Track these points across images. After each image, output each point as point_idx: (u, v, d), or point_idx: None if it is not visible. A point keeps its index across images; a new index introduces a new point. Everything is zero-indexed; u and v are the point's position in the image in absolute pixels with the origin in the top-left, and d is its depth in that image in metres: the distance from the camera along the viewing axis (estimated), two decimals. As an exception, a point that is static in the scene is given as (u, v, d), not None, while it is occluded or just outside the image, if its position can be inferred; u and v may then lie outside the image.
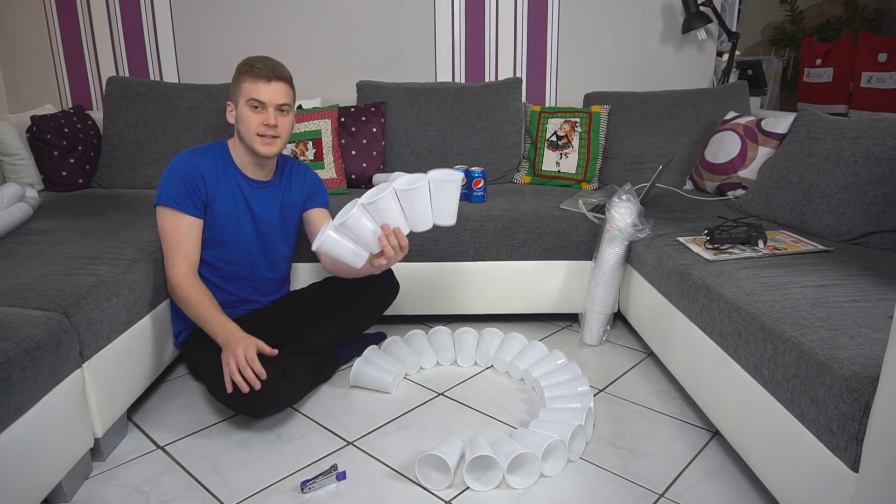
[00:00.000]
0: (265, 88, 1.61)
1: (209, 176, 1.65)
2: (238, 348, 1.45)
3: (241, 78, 1.63)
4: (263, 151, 1.64)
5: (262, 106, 1.61)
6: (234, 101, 1.66)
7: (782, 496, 1.16)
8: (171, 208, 1.60)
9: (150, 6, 2.79)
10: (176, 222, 1.60)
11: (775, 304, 1.26)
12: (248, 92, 1.61)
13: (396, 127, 2.55)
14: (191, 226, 1.62)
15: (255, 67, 1.61)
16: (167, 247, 1.61)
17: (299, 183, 1.81)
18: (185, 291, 1.57)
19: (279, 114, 1.63)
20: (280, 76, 1.63)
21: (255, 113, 1.61)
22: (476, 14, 2.82)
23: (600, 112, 2.48)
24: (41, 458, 1.18)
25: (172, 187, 1.60)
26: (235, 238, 1.69)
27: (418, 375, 1.86)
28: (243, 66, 1.64)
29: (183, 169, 1.62)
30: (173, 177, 1.61)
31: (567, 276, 2.08)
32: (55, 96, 2.91)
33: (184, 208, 1.60)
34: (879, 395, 0.90)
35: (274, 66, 1.63)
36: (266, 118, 1.61)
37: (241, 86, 1.63)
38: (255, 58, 1.65)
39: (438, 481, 1.35)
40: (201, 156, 1.67)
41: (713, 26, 2.83)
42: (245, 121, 1.62)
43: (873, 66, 4.08)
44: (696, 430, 1.57)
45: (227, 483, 1.37)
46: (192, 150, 1.69)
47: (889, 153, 1.67)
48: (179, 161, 1.64)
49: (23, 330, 1.17)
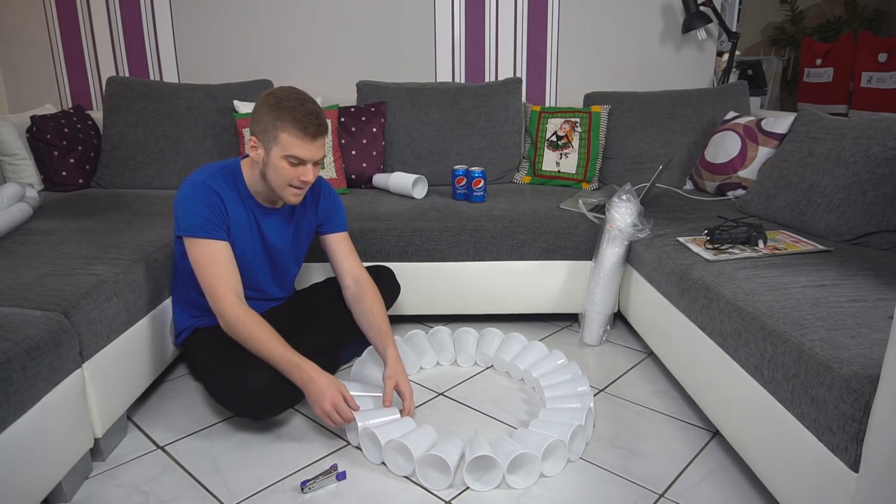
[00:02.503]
0: (310, 147, 1.48)
1: (229, 203, 1.56)
2: (325, 402, 1.42)
3: (281, 125, 1.45)
4: (293, 202, 1.56)
5: (302, 162, 1.50)
6: (262, 141, 1.50)
7: (782, 496, 1.16)
8: (203, 238, 1.50)
9: (150, 6, 2.79)
10: (211, 252, 1.51)
11: (775, 304, 1.26)
12: (289, 146, 1.46)
13: (396, 127, 2.55)
14: (225, 251, 1.53)
15: (300, 121, 1.45)
16: (208, 278, 1.50)
17: (313, 207, 1.73)
18: (246, 327, 1.46)
19: (314, 167, 1.53)
20: (324, 131, 1.50)
21: (293, 167, 1.49)
22: (476, 14, 2.82)
23: (600, 112, 2.48)
24: (41, 458, 1.18)
25: (199, 216, 1.50)
26: (247, 265, 1.64)
27: (418, 375, 1.86)
28: (284, 112, 1.45)
29: (205, 197, 1.52)
30: (197, 206, 1.51)
31: (567, 276, 2.08)
32: (55, 96, 2.91)
33: (216, 236, 1.51)
34: (879, 395, 0.90)
35: (319, 122, 1.48)
36: (304, 174, 1.50)
37: (278, 134, 1.46)
38: (295, 103, 1.46)
39: (439, 481, 1.35)
40: (218, 182, 1.56)
41: (713, 26, 2.83)
42: (279, 172, 1.49)
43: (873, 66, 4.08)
44: (696, 430, 1.57)
45: (227, 483, 1.37)
46: (206, 176, 1.55)
47: (889, 153, 1.67)
48: (198, 189, 1.53)
49: (23, 330, 1.17)
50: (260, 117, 1.49)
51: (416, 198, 2.28)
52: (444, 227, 2.02)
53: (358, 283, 1.71)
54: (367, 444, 1.44)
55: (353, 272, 1.73)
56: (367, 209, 2.13)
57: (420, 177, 2.31)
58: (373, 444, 1.43)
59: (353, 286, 1.71)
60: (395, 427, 1.44)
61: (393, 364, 1.57)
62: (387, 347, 1.60)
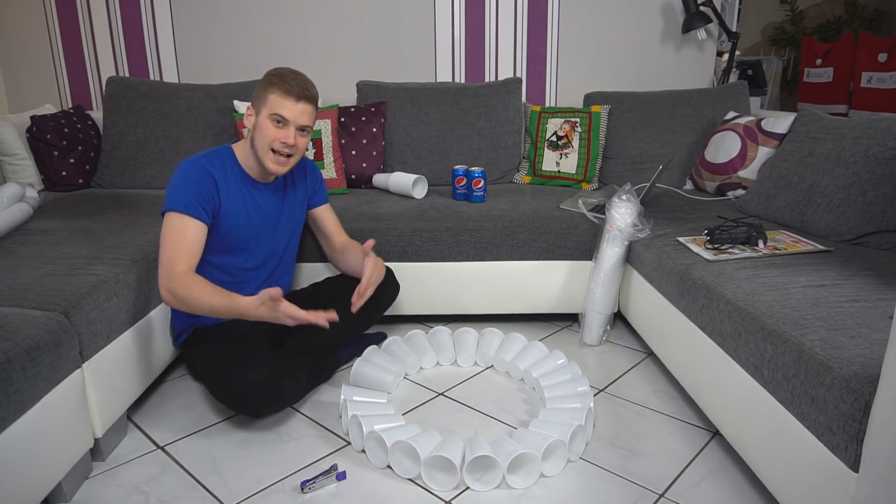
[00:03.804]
0: (292, 107, 1.57)
1: (221, 182, 1.61)
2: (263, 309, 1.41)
3: (270, 88, 1.58)
4: (273, 169, 1.62)
5: (285, 123, 1.58)
6: (255, 108, 1.62)
7: (782, 496, 1.16)
8: (180, 213, 1.53)
9: (150, 6, 2.79)
10: (182, 226, 1.53)
11: (775, 304, 1.26)
12: (274, 105, 1.57)
13: (396, 127, 2.55)
14: (196, 229, 1.55)
15: (287, 82, 1.57)
16: (169, 250, 1.51)
17: (302, 181, 1.82)
18: (187, 287, 1.46)
19: (299, 133, 1.60)
20: (309, 97, 1.60)
21: (276, 128, 1.58)
22: (476, 14, 2.82)
23: (600, 112, 2.48)
24: (41, 458, 1.18)
25: (185, 193, 1.54)
26: (247, 241, 1.68)
27: (418, 375, 1.86)
28: (274, 77, 1.59)
29: (197, 175, 1.57)
30: (185, 183, 1.55)
31: (567, 276, 2.08)
32: (55, 96, 2.91)
33: (193, 213, 1.54)
34: (879, 395, 0.90)
35: (305, 86, 1.59)
36: (286, 136, 1.58)
37: (267, 96, 1.58)
38: (288, 71, 1.60)
39: (443, 482, 1.35)
40: (211, 161, 1.62)
41: (713, 26, 2.83)
42: (263, 132, 1.58)
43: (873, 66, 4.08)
44: (696, 430, 1.57)
45: (227, 483, 1.37)
46: (199, 156, 1.62)
47: (889, 153, 1.67)
48: (190, 167, 1.58)
49: (23, 330, 1.17)
50: (257, 88, 1.63)
51: (416, 198, 2.28)
52: (444, 227, 2.02)
53: (344, 245, 1.89)
54: (373, 447, 1.44)
55: (341, 239, 1.91)
56: (367, 209, 2.13)
57: (420, 177, 2.31)
58: (378, 447, 1.43)
59: (339, 247, 1.89)
60: (400, 431, 1.44)
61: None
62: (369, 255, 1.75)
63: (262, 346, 1.59)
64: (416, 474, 1.38)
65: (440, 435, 1.46)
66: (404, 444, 1.38)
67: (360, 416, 1.48)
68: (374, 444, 1.43)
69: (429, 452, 1.37)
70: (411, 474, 1.38)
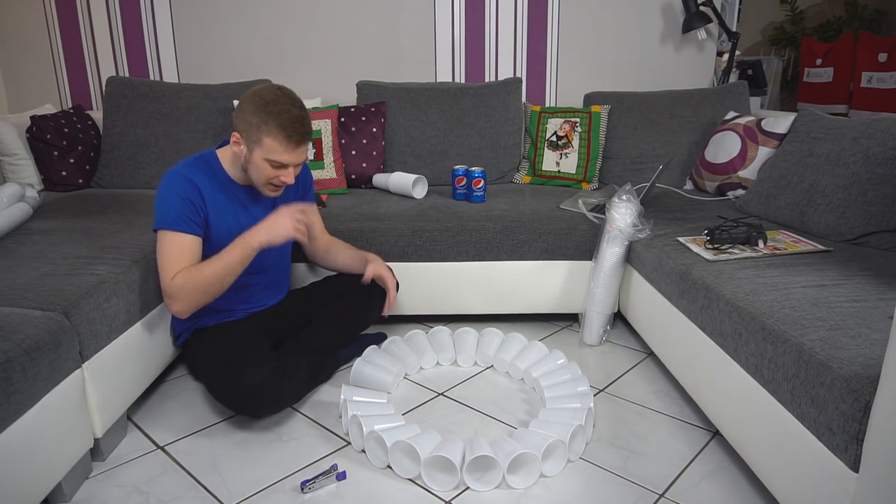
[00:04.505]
0: (293, 153, 1.49)
1: (207, 192, 1.55)
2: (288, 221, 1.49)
3: (266, 129, 1.45)
4: (270, 195, 1.60)
5: (283, 166, 1.51)
6: (247, 141, 1.50)
7: (782, 496, 1.16)
8: (172, 231, 1.49)
9: (150, 6, 2.79)
10: (177, 243, 1.49)
11: (775, 304, 1.26)
12: (272, 151, 1.47)
13: (396, 127, 2.55)
14: (192, 244, 1.52)
15: (286, 129, 1.45)
16: (168, 264, 1.48)
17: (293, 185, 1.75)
18: (186, 280, 1.45)
19: (295, 168, 1.54)
20: (309, 136, 1.50)
21: (274, 169, 1.51)
22: (476, 14, 2.82)
23: (600, 112, 2.48)
24: (41, 458, 1.18)
25: (172, 209, 1.49)
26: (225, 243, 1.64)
27: (418, 375, 1.86)
28: (270, 117, 1.44)
29: (180, 188, 1.51)
30: (171, 198, 1.50)
31: (567, 276, 2.08)
32: (55, 96, 2.91)
33: (184, 228, 1.50)
34: (879, 395, 0.90)
35: (304, 129, 1.48)
36: (286, 176, 1.52)
37: (262, 137, 1.46)
38: (283, 108, 1.45)
39: (443, 482, 1.35)
40: (194, 171, 1.55)
41: (713, 26, 2.83)
42: (260, 171, 1.52)
43: (873, 66, 4.08)
44: (696, 430, 1.57)
45: (227, 483, 1.37)
46: (181, 167, 1.55)
47: (889, 153, 1.67)
48: (173, 180, 1.52)
49: (23, 330, 1.17)
50: (245, 116, 1.48)
51: (416, 198, 2.28)
52: (444, 227, 2.02)
53: (328, 244, 1.89)
54: (373, 447, 1.44)
55: (325, 238, 1.90)
56: (367, 209, 2.13)
57: (420, 177, 2.31)
58: (378, 447, 1.43)
59: (323, 246, 1.89)
60: (401, 431, 1.44)
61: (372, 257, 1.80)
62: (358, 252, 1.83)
63: (262, 346, 1.59)
64: (416, 474, 1.38)
65: (440, 435, 1.46)
66: (404, 444, 1.38)
67: (360, 416, 1.48)
68: (374, 444, 1.43)
69: (429, 452, 1.37)
70: (411, 474, 1.38)
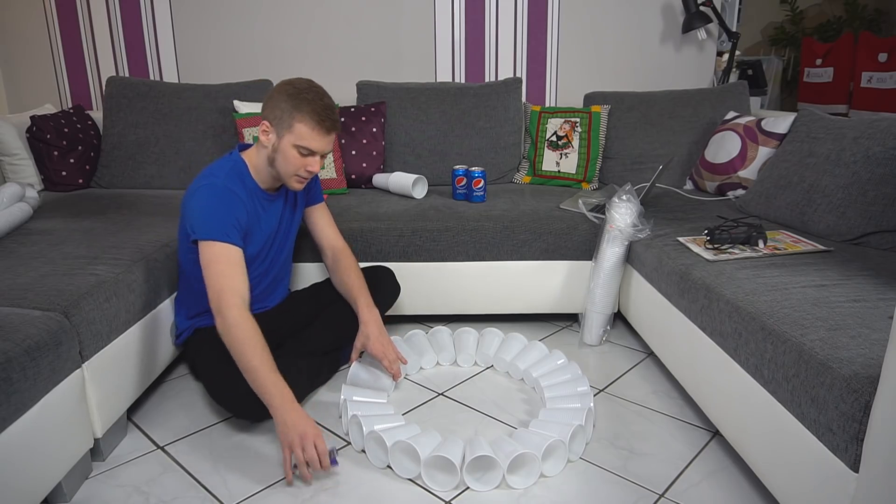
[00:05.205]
0: (322, 140, 1.51)
1: (248, 205, 1.56)
2: (307, 442, 1.33)
3: (299, 115, 1.49)
4: (296, 188, 1.60)
5: (312, 153, 1.53)
6: (275, 127, 1.52)
7: (782, 496, 1.16)
8: (221, 242, 1.46)
9: (150, 6, 2.79)
10: (227, 254, 1.46)
11: (775, 304, 1.26)
12: (303, 137, 1.50)
13: (396, 127, 2.55)
14: (239, 256, 1.49)
15: (318, 114, 1.49)
16: (217, 277, 1.44)
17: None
18: (244, 332, 1.39)
19: (321, 158, 1.57)
20: (338, 125, 1.54)
21: (302, 157, 1.53)
22: (476, 14, 2.82)
23: (600, 112, 2.48)
24: (41, 458, 1.18)
25: (220, 220, 1.48)
26: (258, 252, 1.66)
27: (418, 375, 1.86)
28: (302, 103, 1.49)
29: (228, 200, 1.51)
30: (219, 208, 1.49)
31: (567, 276, 2.08)
32: (55, 96, 2.91)
33: (233, 240, 1.48)
34: (879, 395, 0.90)
35: (335, 117, 1.52)
36: (313, 165, 1.54)
37: (294, 124, 1.49)
38: (315, 96, 1.50)
39: (443, 482, 1.35)
40: (234, 183, 1.55)
41: (713, 26, 2.83)
42: (287, 160, 1.53)
43: (873, 66, 4.08)
44: (696, 430, 1.57)
45: (227, 483, 1.37)
46: (224, 178, 1.54)
47: (889, 153, 1.67)
48: (220, 193, 1.51)
49: (23, 330, 1.17)
50: (276, 103, 1.51)
51: (416, 198, 2.28)
52: (444, 227, 2.02)
53: (335, 252, 1.82)
54: (373, 447, 1.44)
55: (332, 242, 1.84)
56: (367, 209, 2.13)
57: (420, 177, 2.31)
58: (378, 447, 1.43)
59: (330, 254, 1.82)
60: (401, 431, 1.44)
61: (364, 318, 1.70)
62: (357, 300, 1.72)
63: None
64: (416, 474, 1.38)
65: (440, 435, 1.46)
66: (404, 444, 1.38)
67: (360, 416, 1.48)
68: (374, 444, 1.43)
69: (429, 452, 1.37)
70: (411, 474, 1.38)
